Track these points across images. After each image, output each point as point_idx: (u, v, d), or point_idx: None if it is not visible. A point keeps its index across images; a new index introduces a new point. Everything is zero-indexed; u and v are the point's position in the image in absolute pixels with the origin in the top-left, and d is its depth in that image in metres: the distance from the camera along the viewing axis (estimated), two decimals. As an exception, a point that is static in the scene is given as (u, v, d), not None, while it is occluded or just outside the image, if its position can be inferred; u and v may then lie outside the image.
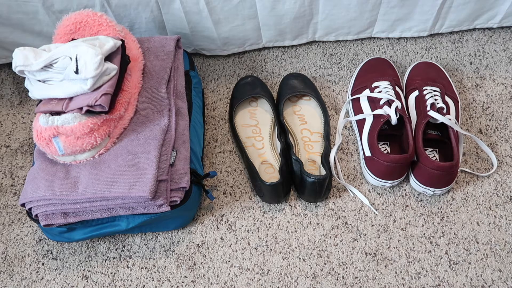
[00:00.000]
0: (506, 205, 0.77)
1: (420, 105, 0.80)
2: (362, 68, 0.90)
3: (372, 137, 0.77)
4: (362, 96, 0.84)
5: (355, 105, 0.85)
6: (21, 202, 0.68)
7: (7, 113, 0.95)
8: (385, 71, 0.88)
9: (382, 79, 0.85)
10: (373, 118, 0.79)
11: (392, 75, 0.88)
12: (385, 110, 0.78)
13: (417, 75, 0.87)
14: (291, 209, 0.79)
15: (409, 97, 0.84)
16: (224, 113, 0.91)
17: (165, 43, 0.82)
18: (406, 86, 0.88)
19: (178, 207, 0.70)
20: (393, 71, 0.89)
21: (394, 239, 0.75)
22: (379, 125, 0.77)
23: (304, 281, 0.72)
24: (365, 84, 0.86)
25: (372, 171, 0.77)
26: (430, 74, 0.87)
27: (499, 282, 0.70)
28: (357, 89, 0.87)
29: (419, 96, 0.82)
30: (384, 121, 0.77)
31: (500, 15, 0.91)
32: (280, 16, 0.87)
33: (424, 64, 0.89)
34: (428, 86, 0.83)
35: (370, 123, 0.79)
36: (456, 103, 0.84)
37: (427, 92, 0.81)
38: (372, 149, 0.77)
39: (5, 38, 0.89)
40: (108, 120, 0.68)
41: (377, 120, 0.78)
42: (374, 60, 0.91)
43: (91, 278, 0.75)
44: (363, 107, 0.83)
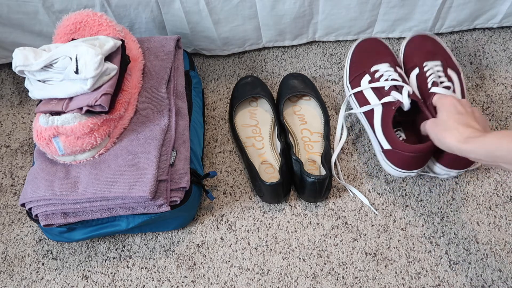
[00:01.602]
0: (506, 205, 0.77)
1: (422, 83, 0.75)
2: (354, 52, 0.84)
3: (387, 128, 0.71)
4: (364, 87, 0.77)
5: (358, 96, 0.79)
6: (21, 202, 0.68)
7: (7, 113, 0.95)
8: (380, 52, 0.82)
9: (380, 61, 0.79)
10: (382, 107, 0.73)
11: (388, 54, 0.83)
12: (395, 96, 0.71)
13: (414, 51, 0.82)
14: (291, 209, 0.79)
15: (410, 76, 0.79)
16: (224, 113, 0.91)
17: (165, 43, 0.82)
18: (404, 64, 0.83)
19: (178, 207, 0.70)
20: (388, 50, 0.84)
21: (394, 239, 0.75)
22: (392, 114, 0.71)
23: (304, 281, 0.72)
24: (362, 69, 0.80)
25: (394, 163, 0.73)
26: (427, 47, 0.82)
27: (499, 282, 0.70)
28: (355, 77, 0.81)
29: (419, 74, 0.77)
30: (396, 108, 0.71)
31: (500, 15, 0.91)
32: (280, 16, 0.87)
33: (419, 38, 0.84)
34: (429, 61, 0.78)
35: (380, 113, 0.73)
36: (459, 74, 0.79)
37: (428, 69, 0.76)
38: (391, 142, 0.71)
39: (5, 38, 0.89)
40: (108, 120, 0.68)
41: (388, 109, 0.72)
42: (364, 41, 0.85)
43: (91, 278, 0.75)
44: (368, 97, 0.76)
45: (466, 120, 0.61)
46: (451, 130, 0.60)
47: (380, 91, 0.75)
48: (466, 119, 0.61)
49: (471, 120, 0.61)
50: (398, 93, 0.72)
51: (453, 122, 0.61)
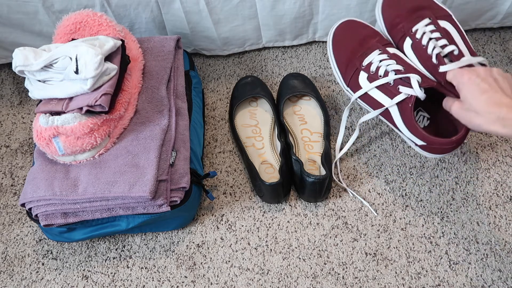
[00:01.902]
0: (506, 205, 0.77)
1: (424, 58, 0.67)
2: (334, 47, 0.75)
3: (413, 127, 0.65)
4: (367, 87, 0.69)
5: (365, 98, 0.71)
6: (21, 202, 0.68)
7: (7, 113, 0.95)
8: (361, 36, 0.73)
9: (367, 50, 0.70)
10: (398, 106, 0.66)
11: (371, 35, 0.73)
12: (406, 92, 0.64)
13: (395, 16, 0.72)
14: (291, 209, 0.79)
15: (404, 49, 0.70)
16: (224, 113, 0.91)
17: (165, 43, 0.82)
18: (391, 36, 0.73)
19: (178, 207, 0.70)
20: (367, 30, 0.74)
21: (394, 239, 0.75)
22: (410, 110, 0.64)
23: (304, 281, 0.72)
24: (353, 67, 0.72)
25: (434, 153, 0.68)
26: (406, 5, 0.72)
27: (499, 282, 0.70)
28: (351, 78, 0.73)
29: (415, 45, 0.68)
30: (413, 103, 0.64)
31: (500, 15, 0.91)
32: (280, 16, 0.87)
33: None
34: (416, 24, 0.68)
35: (398, 113, 0.66)
36: (450, 19, 0.70)
37: (420, 35, 0.67)
38: (423, 139, 0.65)
39: (5, 38, 0.89)
40: (108, 120, 0.68)
41: (404, 107, 0.65)
42: (339, 29, 0.75)
43: (91, 278, 0.75)
44: (376, 97, 0.69)
45: (494, 97, 0.54)
46: (483, 115, 0.54)
47: (386, 87, 0.68)
48: (494, 97, 0.54)
49: (500, 95, 0.54)
50: (408, 87, 0.64)
51: (482, 105, 0.54)
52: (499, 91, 0.54)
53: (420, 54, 0.68)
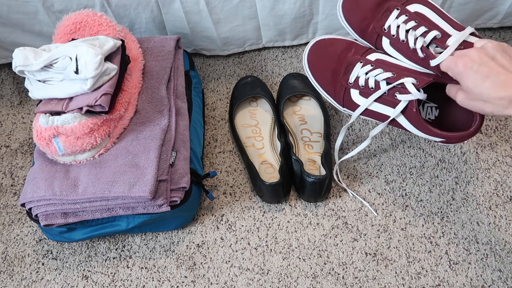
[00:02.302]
0: (506, 205, 0.77)
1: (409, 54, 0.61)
2: (314, 74, 0.71)
3: (426, 129, 0.61)
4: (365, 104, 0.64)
5: (368, 113, 0.67)
6: (21, 202, 0.68)
7: (7, 113, 0.95)
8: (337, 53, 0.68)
9: (347, 65, 0.65)
10: (403, 115, 0.62)
11: (346, 48, 0.67)
12: (405, 98, 0.59)
13: (360, 19, 0.66)
14: (291, 209, 0.79)
15: (385, 49, 0.65)
16: (224, 113, 0.91)
17: (165, 43, 0.82)
18: (366, 40, 0.67)
19: (178, 207, 0.70)
20: (341, 44, 0.68)
21: (394, 239, 0.75)
22: (417, 114, 0.60)
23: (304, 281, 0.72)
24: (342, 87, 0.67)
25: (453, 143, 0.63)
26: (366, 3, 0.66)
27: (499, 282, 0.70)
28: (343, 98, 0.68)
29: (393, 43, 0.63)
30: (417, 108, 0.59)
31: (500, 15, 0.91)
32: (280, 16, 0.87)
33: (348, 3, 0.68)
34: (386, 20, 0.62)
35: (406, 120, 0.62)
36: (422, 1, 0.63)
37: (395, 30, 0.61)
38: (439, 136, 0.61)
39: (5, 38, 0.89)
40: (108, 120, 0.68)
41: (410, 113, 0.61)
42: (311, 54, 0.70)
43: (91, 278, 0.75)
44: (379, 110, 0.65)
45: (498, 80, 0.49)
46: (492, 102, 0.49)
47: (384, 98, 0.63)
48: (498, 79, 0.49)
49: (505, 74, 0.48)
50: (405, 94, 0.60)
51: (488, 92, 0.49)
52: (501, 71, 0.49)
53: (403, 51, 0.62)
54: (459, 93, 0.54)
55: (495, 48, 0.51)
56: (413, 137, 0.85)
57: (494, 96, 0.48)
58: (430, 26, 0.60)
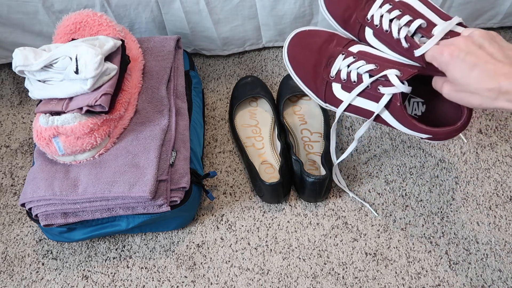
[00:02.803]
0: (506, 205, 0.77)
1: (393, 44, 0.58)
2: (294, 67, 0.67)
3: (411, 124, 0.58)
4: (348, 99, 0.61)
5: (351, 109, 0.64)
6: (21, 202, 0.68)
7: (7, 113, 0.95)
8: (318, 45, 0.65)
9: (328, 57, 0.62)
10: (387, 109, 0.59)
11: (327, 39, 0.64)
12: (389, 92, 0.56)
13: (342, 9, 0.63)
14: (291, 209, 0.79)
15: (368, 40, 0.62)
16: (224, 113, 0.91)
17: (165, 43, 0.82)
18: (348, 31, 0.64)
19: (178, 207, 0.70)
20: (322, 35, 0.65)
21: (394, 239, 0.75)
22: (401, 108, 0.57)
23: (304, 281, 0.72)
24: (323, 80, 0.64)
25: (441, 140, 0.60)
26: None
27: (499, 282, 0.70)
28: (325, 93, 0.65)
29: (377, 33, 0.60)
30: (401, 101, 0.56)
31: (500, 15, 0.91)
32: (280, 16, 0.87)
33: None
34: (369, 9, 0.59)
35: (390, 115, 0.59)
36: None
37: (378, 20, 0.58)
38: (427, 132, 0.58)
39: (5, 38, 0.89)
40: (108, 120, 0.68)
41: (394, 107, 0.58)
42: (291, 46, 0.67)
43: (91, 278, 0.75)
44: (362, 105, 0.61)
45: (487, 70, 0.45)
46: (480, 94, 0.46)
47: (367, 92, 0.59)
48: (486, 69, 0.45)
49: (493, 64, 0.45)
50: (388, 87, 0.56)
51: (476, 83, 0.46)
52: (490, 60, 0.46)
53: (387, 41, 0.59)
54: (445, 85, 0.51)
55: (483, 36, 0.48)
56: (413, 137, 0.85)
57: (482, 87, 0.45)
58: (415, 15, 0.57)
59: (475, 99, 0.47)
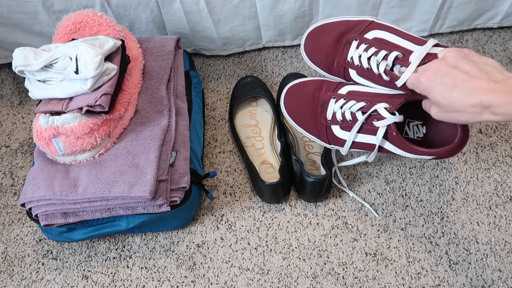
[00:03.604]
0: (506, 205, 0.77)
1: (376, 79, 0.61)
2: (294, 118, 0.72)
3: (413, 150, 0.60)
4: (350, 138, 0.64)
5: (355, 146, 0.66)
6: (21, 202, 0.68)
7: (7, 113, 0.95)
8: (310, 95, 0.69)
9: (322, 103, 0.67)
10: (385, 140, 0.61)
11: (317, 88, 0.69)
12: (382, 124, 0.59)
13: (323, 56, 0.67)
14: (291, 209, 0.79)
15: (354, 79, 0.65)
16: (224, 113, 0.91)
17: (165, 43, 0.82)
18: (334, 75, 0.68)
19: (178, 207, 0.70)
20: (312, 85, 0.70)
21: (394, 239, 0.75)
22: (399, 137, 0.59)
23: (304, 281, 0.72)
24: (322, 125, 0.67)
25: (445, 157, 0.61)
26: (327, 42, 0.66)
27: (499, 282, 0.70)
28: (327, 136, 0.68)
29: (360, 72, 0.63)
30: (396, 131, 0.59)
31: (500, 15, 0.91)
32: (280, 16, 0.87)
33: (309, 43, 0.69)
34: (348, 52, 0.62)
35: (391, 145, 0.61)
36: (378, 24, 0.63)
37: (358, 61, 0.62)
38: (430, 154, 0.60)
39: (5, 38, 0.89)
40: (108, 120, 0.68)
41: (391, 137, 0.60)
42: (287, 99, 0.73)
43: (91, 278, 0.75)
44: (363, 140, 0.64)
45: (466, 88, 0.46)
46: (465, 111, 0.47)
47: (364, 128, 0.62)
48: (466, 87, 0.46)
49: (471, 81, 0.46)
50: (381, 120, 0.59)
51: (458, 102, 0.47)
52: (467, 78, 0.47)
53: (370, 78, 0.62)
54: (432, 107, 0.52)
55: (455, 56, 0.50)
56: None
57: (465, 104, 0.47)
58: (390, 48, 0.59)
59: (462, 116, 0.48)
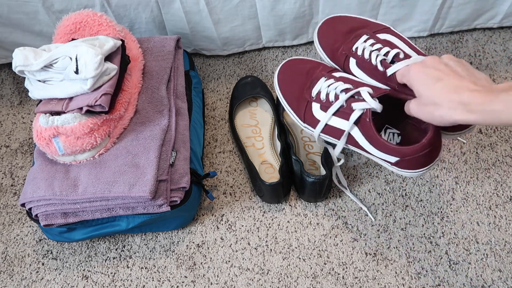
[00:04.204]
0: (506, 205, 0.77)
1: (371, 70, 0.63)
2: (281, 87, 0.72)
3: (379, 143, 0.60)
4: (325, 118, 0.64)
5: (327, 130, 0.66)
6: (21, 202, 0.68)
7: (7, 113, 0.95)
8: (305, 70, 0.70)
9: (313, 80, 0.67)
10: (357, 126, 0.61)
11: (314, 66, 0.70)
12: (360, 107, 0.59)
13: (332, 43, 0.69)
14: (291, 209, 0.79)
15: (351, 70, 0.67)
16: (224, 113, 0.91)
17: (165, 43, 0.82)
18: (335, 62, 0.70)
19: (178, 207, 0.70)
20: (310, 63, 0.71)
21: (394, 239, 0.75)
22: (371, 126, 0.59)
23: (304, 281, 0.72)
24: (305, 100, 0.67)
25: (411, 168, 0.62)
26: (341, 30, 0.69)
27: (499, 282, 0.70)
28: (304, 113, 0.68)
29: (359, 62, 0.65)
30: (370, 118, 0.59)
31: (500, 15, 0.91)
32: (280, 16, 0.87)
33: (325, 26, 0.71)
34: (356, 43, 0.65)
35: (360, 133, 0.61)
36: (391, 31, 0.67)
37: (361, 51, 0.64)
38: (394, 153, 0.60)
39: (5, 38, 0.89)
40: (108, 120, 0.68)
41: (363, 124, 0.60)
42: (282, 69, 0.73)
43: (91, 278, 0.75)
44: (336, 125, 0.64)
45: (450, 83, 0.48)
46: (442, 105, 0.48)
47: (342, 112, 0.62)
48: (450, 82, 0.48)
49: (457, 79, 0.48)
50: (360, 102, 0.59)
51: (438, 94, 0.48)
52: (454, 75, 0.48)
53: (366, 69, 0.64)
54: (412, 101, 0.53)
55: (450, 58, 0.51)
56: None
57: (444, 97, 0.47)
58: (394, 47, 0.63)
59: (437, 111, 0.49)
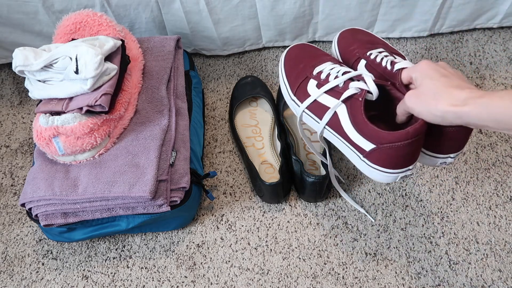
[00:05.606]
0: (506, 205, 0.77)
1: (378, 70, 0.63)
2: (286, 62, 0.70)
3: (362, 123, 0.56)
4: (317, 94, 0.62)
5: (313, 107, 0.63)
6: (21, 202, 0.68)
7: (7, 113, 0.95)
8: (314, 54, 0.69)
9: (319, 62, 0.66)
10: (346, 105, 0.58)
11: (324, 54, 0.70)
12: (357, 87, 0.57)
13: (349, 45, 0.70)
14: (291, 209, 0.79)
15: (358, 68, 0.67)
16: (224, 113, 0.91)
17: (165, 43, 0.82)
18: (345, 61, 0.69)
19: (178, 207, 0.70)
20: (321, 51, 0.71)
21: (394, 239, 0.75)
22: (361, 105, 0.56)
23: (304, 281, 0.72)
24: (304, 75, 0.65)
25: (385, 164, 0.58)
26: (361, 38, 0.71)
27: (499, 282, 0.70)
28: (298, 87, 0.66)
29: (368, 64, 0.64)
30: (363, 99, 0.56)
31: (500, 15, 0.91)
32: (280, 16, 0.87)
33: (348, 33, 0.73)
34: (371, 50, 0.66)
35: (346, 112, 0.58)
36: (405, 59, 0.66)
37: (374, 56, 0.64)
38: (372, 138, 0.56)
39: (5, 38, 0.89)
40: (108, 120, 0.68)
41: (354, 103, 0.57)
42: (293, 49, 0.72)
43: (91, 278, 0.75)
44: (325, 102, 0.61)
45: (456, 82, 0.49)
46: (442, 95, 0.48)
47: (335, 91, 0.60)
48: (455, 81, 0.49)
49: (462, 81, 0.49)
50: (360, 82, 0.58)
51: (442, 87, 0.49)
52: (459, 77, 0.51)
53: (374, 70, 0.63)
54: (410, 92, 0.53)
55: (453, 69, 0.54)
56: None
57: (446, 90, 0.49)
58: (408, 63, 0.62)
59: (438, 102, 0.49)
